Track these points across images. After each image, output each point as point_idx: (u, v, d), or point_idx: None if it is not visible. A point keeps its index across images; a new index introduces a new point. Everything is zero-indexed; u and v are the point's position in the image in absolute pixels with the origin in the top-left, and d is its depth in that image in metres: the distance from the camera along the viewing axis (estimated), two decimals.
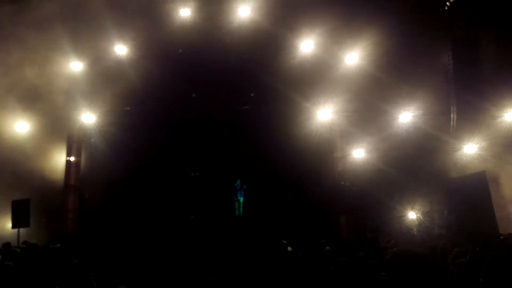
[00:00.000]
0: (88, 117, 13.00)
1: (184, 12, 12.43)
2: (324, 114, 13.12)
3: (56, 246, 8.24)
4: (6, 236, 10.50)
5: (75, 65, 12.70)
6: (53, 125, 12.71)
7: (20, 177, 11.68)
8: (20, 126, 12.44)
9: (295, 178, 14.57)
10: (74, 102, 12.78)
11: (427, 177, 12.11)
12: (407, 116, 12.58)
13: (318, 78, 13.08)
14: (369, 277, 4.34)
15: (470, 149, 11.84)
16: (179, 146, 15.25)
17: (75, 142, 13.71)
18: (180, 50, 13.28)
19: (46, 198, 12.38)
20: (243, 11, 12.44)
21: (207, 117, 14.91)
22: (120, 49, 12.74)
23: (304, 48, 12.80)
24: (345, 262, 4.40)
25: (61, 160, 13.36)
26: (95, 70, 12.85)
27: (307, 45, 12.78)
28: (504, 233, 9.60)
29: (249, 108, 14.84)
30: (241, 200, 15.94)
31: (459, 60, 12.47)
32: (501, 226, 10.39)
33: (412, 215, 12.26)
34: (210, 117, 14.91)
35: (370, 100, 12.47)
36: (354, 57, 12.85)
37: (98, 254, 8.04)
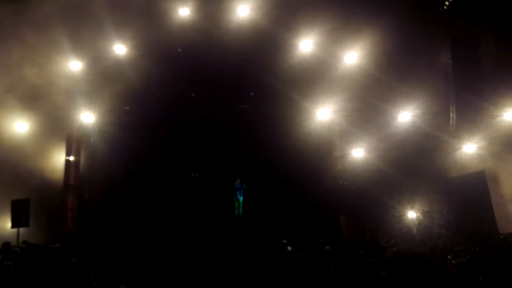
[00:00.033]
0: (87, 117, 13.00)
1: (183, 12, 12.43)
2: (323, 113, 13.13)
3: (55, 245, 8.25)
4: (6, 236, 10.50)
5: (75, 65, 12.70)
6: (53, 125, 12.71)
7: (20, 177, 11.68)
8: (20, 125, 12.44)
9: (294, 177, 14.56)
10: (73, 102, 12.78)
11: (427, 176, 12.11)
12: (406, 115, 12.59)
13: (317, 77, 13.08)
14: (369, 276, 4.34)
15: (469, 148, 11.85)
16: (178, 145, 15.25)
17: (74, 141, 13.70)
18: (179, 50, 13.29)
19: (45, 197, 12.38)
20: (242, 11, 12.44)
21: (206, 116, 14.92)
22: (119, 49, 12.74)
23: (304, 47, 12.80)
24: (344, 262, 4.41)
25: (61, 159, 13.36)
26: (95, 69, 12.85)
27: (306, 44, 12.78)
28: (503, 232, 9.62)
29: (248, 108, 14.84)
30: (240, 200, 15.93)
31: (459, 59, 12.48)
32: (501, 225, 10.41)
33: (412, 214, 12.27)
34: (210, 117, 14.92)
35: (370, 99, 12.47)
36: (353, 57, 12.85)
37: (98, 254, 8.03)
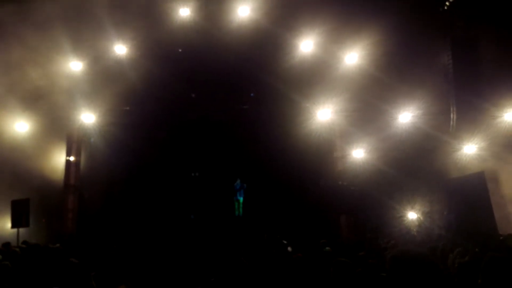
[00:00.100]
0: (88, 117, 13.00)
1: (184, 12, 12.43)
2: (323, 114, 13.12)
3: (55, 246, 8.25)
4: (6, 236, 10.50)
5: (75, 65, 12.69)
6: (53, 125, 12.72)
7: (20, 177, 11.68)
8: (20, 125, 12.44)
9: (295, 178, 14.56)
10: (74, 102, 12.78)
11: (427, 177, 12.10)
12: (406, 116, 12.59)
13: (317, 77, 13.07)
14: (369, 277, 4.34)
15: (469, 149, 11.83)
16: (178, 145, 15.25)
17: (75, 141, 13.71)
18: (179, 50, 13.29)
19: (46, 198, 12.40)
20: (243, 11, 12.44)
21: (206, 116, 14.91)
22: (119, 49, 12.73)
23: (304, 47, 12.79)
24: (344, 263, 4.40)
25: (61, 159, 13.36)
26: (95, 69, 12.85)
27: (306, 44, 12.77)
28: (504, 232, 9.60)
29: (248, 108, 14.82)
30: (240, 200, 15.93)
31: (459, 60, 12.46)
32: (502, 225, 10.39)
33: (412, 215, 12.25)
34: (210, 117, 14.91)
35: (370, 100, 12.47)
36: (353, 57, 12.85)
37: (97, 254, 8.03)
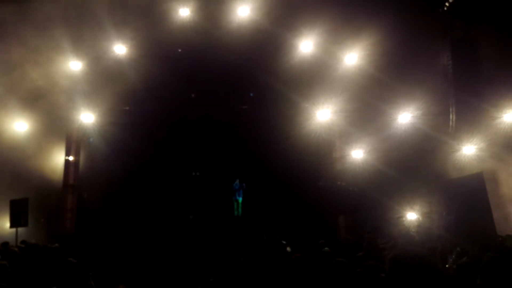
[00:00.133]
0: (87, 117, 12.99)
1: (184, 12, 12.43)
2: (323, 114, 13.12)
3: (54, 245, 8.23)
4: (5, 236, 10.49)
5: (75, 65, 12.69)
6: (53, 125, 12.71)
7: (19, 177, 11.68)
8: (20, 125, 12.43)
9: (294, 178, 14.56)
10: (73, 102, 12.78)
11: (426, 177, 12.09)
12: (406, 116, 12.58)
13: (317, 78, 13.07)
14: (368, 278, 4.33)
15: (469, 149, 11.83)
16: (178, 145, 15.25)
17: (74, 141, 13.69)
18: (179, 50, 13.28)
19: (45, 197, 12.40)
20: (243, 11, 12.44)
21: (206, 117, 14.93)
22: (119, 49, 12.73)
23: (304, 48, 12.79)
24: (341, 263, 4.40)
25: (60, 159, 13.35)
26: (95, 69, 12.85)
27: (306, 45, 12.77)
28: (503, 233, 9.59)
29: (248, 108, 14.83)
30: (239, 201, 15.94)
31: (458, 60, 12.46)
32: (501, 226, 10.37)
33: (411, 216, 12.24)
34: (210, 117, 14.93)
35: (369, 100, 12.46)
36: (353, 57, 12.84)
37: (96, 254, 8.03)
